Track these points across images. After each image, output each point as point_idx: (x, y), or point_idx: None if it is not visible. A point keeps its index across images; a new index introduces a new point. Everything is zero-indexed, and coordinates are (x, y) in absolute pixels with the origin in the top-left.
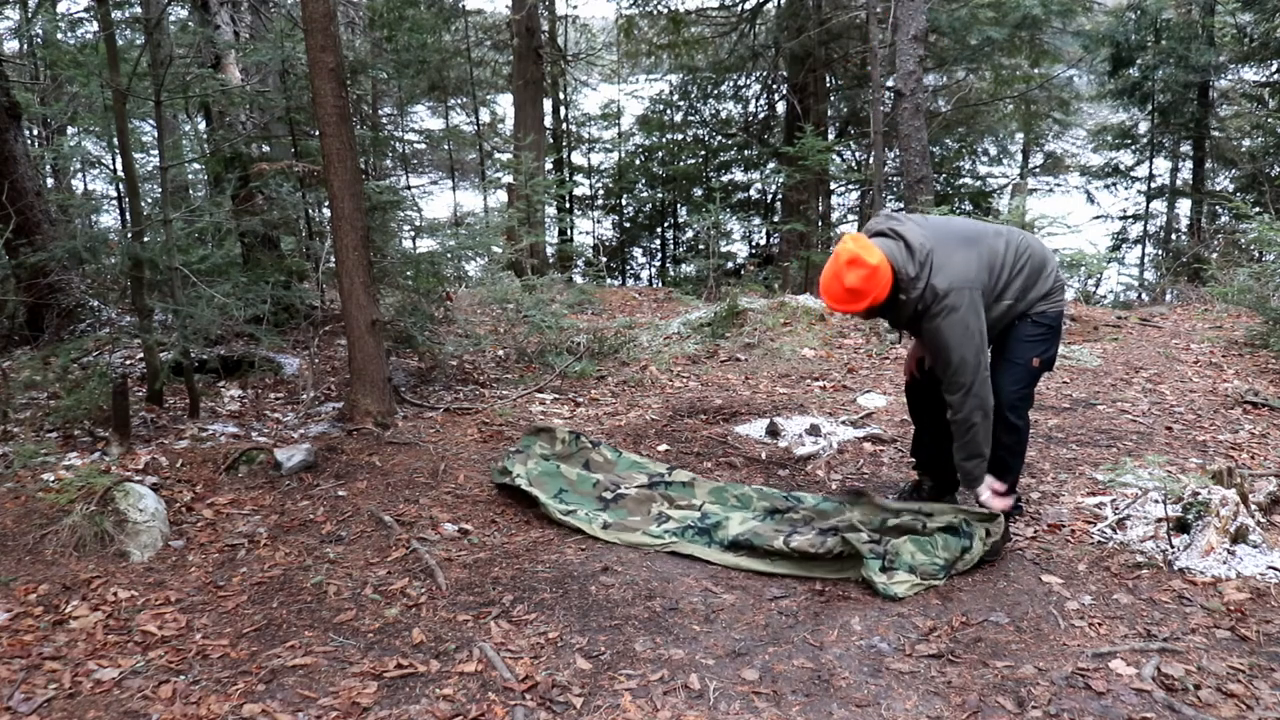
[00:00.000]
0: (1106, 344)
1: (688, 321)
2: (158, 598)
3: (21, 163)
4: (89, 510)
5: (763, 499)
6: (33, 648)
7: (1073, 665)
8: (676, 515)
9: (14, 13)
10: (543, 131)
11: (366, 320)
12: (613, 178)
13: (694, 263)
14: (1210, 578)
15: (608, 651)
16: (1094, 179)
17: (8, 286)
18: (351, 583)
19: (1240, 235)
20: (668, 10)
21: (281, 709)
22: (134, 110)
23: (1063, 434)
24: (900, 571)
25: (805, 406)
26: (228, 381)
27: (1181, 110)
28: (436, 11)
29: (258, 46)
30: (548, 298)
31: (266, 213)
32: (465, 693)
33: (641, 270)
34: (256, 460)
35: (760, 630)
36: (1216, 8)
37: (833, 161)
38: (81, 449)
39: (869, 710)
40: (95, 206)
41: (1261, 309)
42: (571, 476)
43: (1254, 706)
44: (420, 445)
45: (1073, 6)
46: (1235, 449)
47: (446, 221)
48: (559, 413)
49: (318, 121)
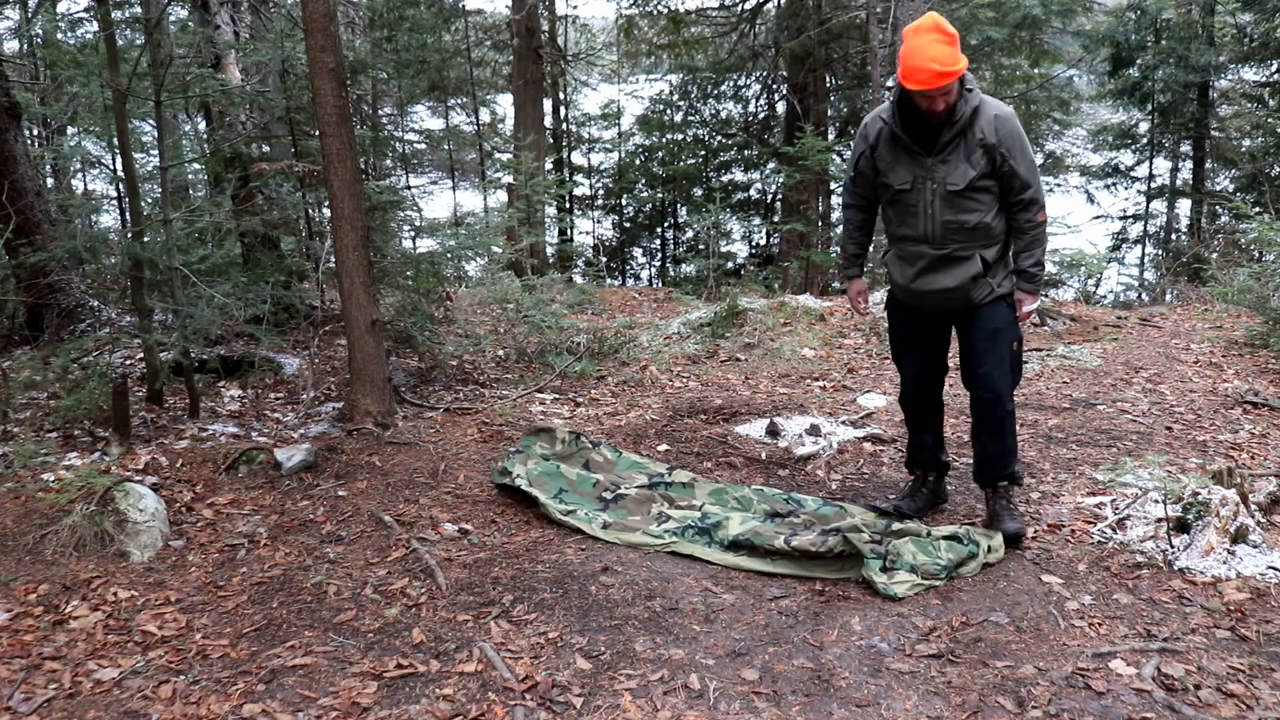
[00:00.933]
0: (1106, 344)
1: (688, 321)
2: (158, 598)
3: (21, 163)
4: (89, 510)
5: (763, 501)
6: (33, 648)
7: (1073, 665)
8: (676, 515)
9: (14, 13)
10: (543, 131)
11: (366, 320)
12: (613, 178)
13: (694, 263)
14: (1210, 578)
15: (608, 651)
16: (1094, 179)
17: (8, 286)
18: (351, 583)
19: (1240, 235)
20: (668, 10)
21: (281, 709)
22: (134, 110)
23: (1063, 434)
24: (901, 571)
25: (805, 406)
26: (228, 381)
27: (1181, 110)
28: (436, 11)
29: (258, 46)
30: (548, 298)
31: (266, 213)
32: (465, 693)
33: (641, 270)
34: (256, 460)
35: (760, 630)
36: (1216, 8)
37: (833, 161)
38: (81, 449)
39: (869, 710)
40: (95, 206)
41: (1261, 309)
42: (571, 476)
43: (1254, 706)
44: (420, 445)
45: (1073, 6)
46: (1235, 449)
47: (446, 221)
48: (559, 413)
49: (318, 121)
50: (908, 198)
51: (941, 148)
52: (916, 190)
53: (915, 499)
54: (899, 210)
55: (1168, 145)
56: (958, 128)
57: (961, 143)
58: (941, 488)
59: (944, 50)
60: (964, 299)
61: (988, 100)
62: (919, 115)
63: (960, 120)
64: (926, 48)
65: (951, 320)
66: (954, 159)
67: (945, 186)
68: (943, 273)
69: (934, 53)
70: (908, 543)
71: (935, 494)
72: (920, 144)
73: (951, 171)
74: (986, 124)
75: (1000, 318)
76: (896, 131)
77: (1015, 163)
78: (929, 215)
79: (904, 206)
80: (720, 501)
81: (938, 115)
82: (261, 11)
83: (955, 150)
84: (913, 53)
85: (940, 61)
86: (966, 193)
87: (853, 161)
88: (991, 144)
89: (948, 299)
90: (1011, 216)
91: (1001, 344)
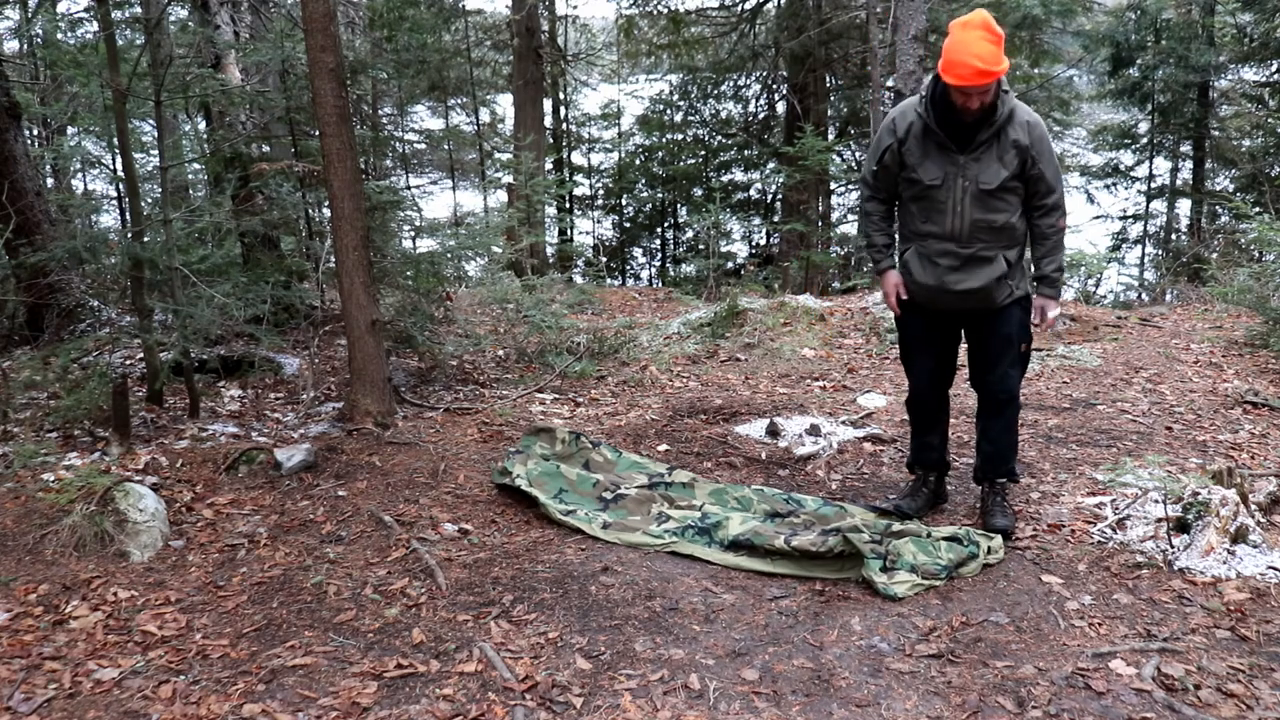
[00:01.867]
0: (1106, 344)
1: (688, 321)
2: (158, 598)
3: (21, 163)
4: (89, 510)
5: (763, 501)
6: (33, 648)
7: (1073, 665)
8: (676, 515)
9: (14, 13)
10: (543, 131)
11: (366, 320)
12: (613, 178)
13: (694, 263)
14: (1210, 578)
15: (608, 651)
16: (1094, 179)
17: (8, 286)
18: (351, 583)
19: (1240, 235)
20: (668, 10)
21: (281, 709)
22: (134, 110)
23: (1063, 434)
24: (901, 571)
25: (805, 406)
26: (228, 381)
27: (1181, 110)
28: (436, 11)
29: (258, 46)
30: (548, 298)
31: (266, 213)
32: (465, 693)
33: (641, 270)
34: (256, 460)
35: (760, 630)
36: (1216, 8)
37: (833, 161)
38: (81, 449)
39: (869, 710)
40: (95, 206)
41: (1261, 309)
42: (571, 477)
43: (1254, 706)
44: (420, 445)
45: (1073, 6)
46: (1235, 449)
47: (446, 221)
48: (559, 413)
49: (318, 121)
50: (937, 194)
51: (976, 146)
52: (947, 187)
53: (915, 499)
54: (925, 206)
55: (1168, 145)
56: (995, 127)
57: (995, 142)
58: (942, 488)
59: (989, 49)
60: (986, 300)
61: (1020, 104)
62: (954, 111)
63: (998, 120)
64: (972, 44)
65: (965, 321)
66: (987, 158)
67: (978, 185)
68: (968, 273)
69: (979, 50)
70: (908, 543)
71: (936, 494)
72: (955, 140)
73: (985, 170)
74: (1020, 126)
75: (1015, 321)
76: (931, 126)
77: (1044, 166)
78: (958, 213)
79: (931, 203)
80: (720, 501)
81: (972, 113)
82: (261, 11)
83: (989, 149)
84: (957, 47)
85: (984, 59)
86: (998, 192)
87: (875, 155)
88: (1024, 145)
89: (970, 299)
90: (1034, 221)
91: (1015, 346)
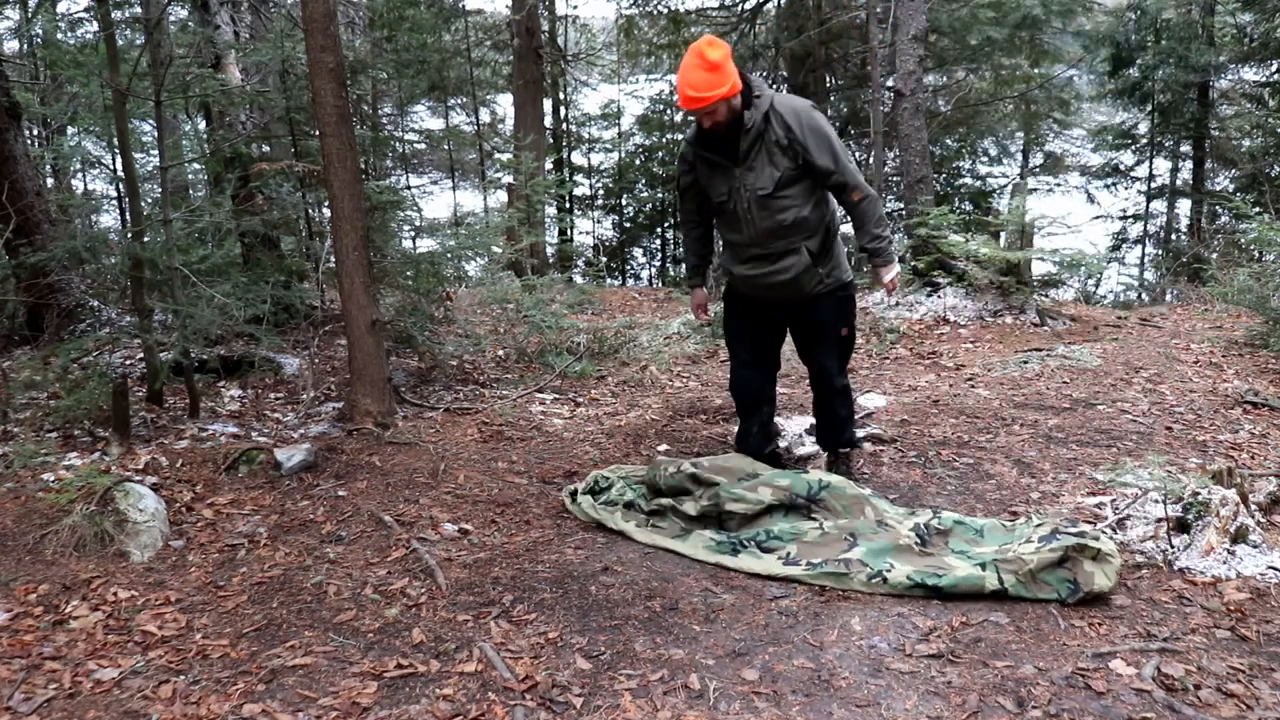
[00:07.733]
0: (1106, 344)
1: (688, 321)
2: (158, 598)
3: (21, 163)
4: (89, 510)
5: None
6: (33, 648)
7: (1073, 665)
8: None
9: (14, 13)
10: (543, 131)
11: (366, 320)
12: (613, 178)
13: None
14: (1210, 578)
15: (608, 651)
16: (1094, 179)
17: (8, 286)
18: (351, 583)
19: (1240, 235)
20: (668, 10)
21: (281, 709)
22: (134, 110)
23: (1063, 434)
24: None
25: (805, 406)
26: (228, 381)
27: (1181, 110)
28: (436, 11)
29: (258, 46)
30: (548, 298)
31: (266, 213)
32: (465, 693)
33: (641, 270)
34: (256, 460)
35: (760, 630)
36: (1216, 8)
37: None
38: (81, 449)
39: (869, 710)
40: (95, 206)
41: (1261, 309)
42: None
43: (1254, 706)
44: (420, 445)
45: (1073, 6)
46: (1235, 449)
47: (446, 221)
48: (559, 413)
49: (318, 121)
50: (727, 207)
51: (744, 156)
52: (733, 199)
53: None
54: (724, 220)
55: (1168, 145)
56: (753, 134)
57: (761, 147)
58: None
59: (700, 76)
60: (796, 290)
61: (781, 100)
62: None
63: (754, 127)
64: (687, 73)
65: (783, 311)
66: (758, 164)
67: (755, 192)
68: (773, 266)
69: (691, 78)
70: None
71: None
72: (727, 156)
73: (759, 177)
74: (780, 124)
75: (827, 311)
76: (700, 151)
77: (813, 155)
78: (749, 220)
79: (727, 215)
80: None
81: (719, 129)
82: (261, 11)
83: (758, 156)
84: (679, 75)
85: (694, 87)
86: (776, 194)
87: (679, 190)
88: (786, 143)
89: (782, 290)
90: (841, 202)
91: (830, 334)
